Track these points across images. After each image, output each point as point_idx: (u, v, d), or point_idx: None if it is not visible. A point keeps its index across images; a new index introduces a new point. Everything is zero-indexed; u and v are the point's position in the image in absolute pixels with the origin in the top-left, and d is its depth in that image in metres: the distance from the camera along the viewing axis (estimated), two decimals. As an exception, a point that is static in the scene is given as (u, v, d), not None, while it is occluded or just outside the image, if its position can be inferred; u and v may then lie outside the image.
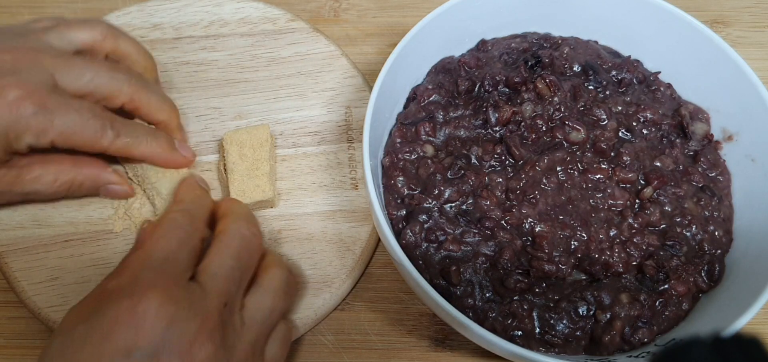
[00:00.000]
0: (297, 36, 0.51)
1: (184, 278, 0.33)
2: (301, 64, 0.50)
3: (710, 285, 0.39)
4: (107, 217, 0.43)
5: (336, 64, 0.50)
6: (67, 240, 0.42)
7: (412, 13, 0.56)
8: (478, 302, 0.37)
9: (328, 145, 0.47)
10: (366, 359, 0.41)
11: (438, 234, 0.39)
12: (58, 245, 0.42)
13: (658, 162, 0.42)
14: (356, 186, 0.46)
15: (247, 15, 0.52)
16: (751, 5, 0.57)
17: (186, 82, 0.49)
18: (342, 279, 0.42)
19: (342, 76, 0.50)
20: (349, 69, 0.50)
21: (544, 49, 0.46)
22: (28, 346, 0.41)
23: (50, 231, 0.43)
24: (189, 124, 0.47)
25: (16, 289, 0.41)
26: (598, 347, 0.37)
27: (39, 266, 0.42)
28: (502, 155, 0.41)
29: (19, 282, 0.41)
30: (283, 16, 0.52)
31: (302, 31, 0.52)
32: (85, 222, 0.43)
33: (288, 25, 0.52)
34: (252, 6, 0.52)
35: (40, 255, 0.42)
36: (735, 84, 0.43)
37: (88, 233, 0.43)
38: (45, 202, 0.43)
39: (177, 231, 0.35)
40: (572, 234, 0.39)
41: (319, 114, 0.48)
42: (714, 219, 0.41)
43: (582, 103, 0.43)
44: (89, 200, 0.44)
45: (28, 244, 0.42)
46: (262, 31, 0.51)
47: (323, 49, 0.51)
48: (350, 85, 0.50)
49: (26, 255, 0.42)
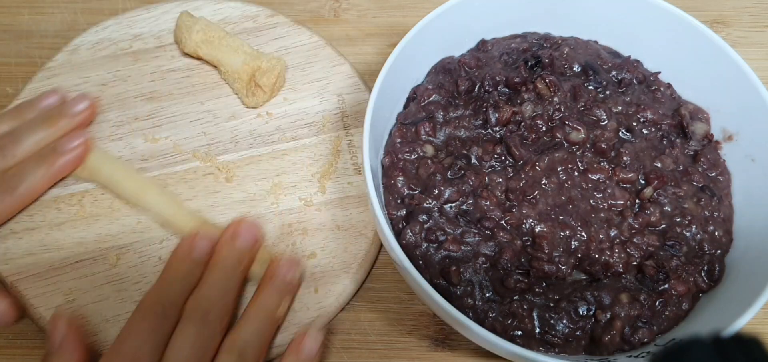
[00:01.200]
0: (279, 31, 0.52)
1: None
2: (288, 57, 0.50)
3: (710, 285, 0.39)
4: (115, 233, 0.43)
5: (322, 54, 0.51)
6: (79, 261, 0.42)
7: (412, 13, 0.56)
8: (478, 302, 0.37)
9: (326, 134, 0.47)
10: (366, 359, 0.41)
11: (438, 234, 0.39)
12: (69, 267, 0.42)
13: (658, 162, 0.42)
14: (359, 171, 0.46)
15: (227, 15, 0.52)
16: (751, 5, 0.57)
17: (175, 88, 0.49)
18: (359, 262, 0.43)
19: (329, 65, 0.50)
20: (335, 57, 0.51)
21: (544, 49, 0.46)
22: (28, 346, 0.41)
23: (60, 254, 0.42)
24: (184, 130, 0.47)
25: (34, 316, 0.41)
26: (598, 347, 0.37)
27: (54, 290, 0.41)
28: (502, 155, 0.41)
29: (37, 309, 0.41)
30: (262, 12, 0.52)
31: (283, 25, 0.52)
32: (93, 240, 0.43)
33: (268, 21, 0.52)
34: (230, 6, 0.53)
35: (54, 279, 0.42)
36: (735, 84, 0.43)
37: (99, 251, 0.43)
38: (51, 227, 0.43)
39: (144, 325, 0.36)
40: (572, 235, 0.39)
41: (312, 104, 0.49)
42: (714, 219, 0.41)
43: (582, 103, 0.43)
44: (95, 219, 0.44)
45: (40, 270, 0.42)
46: (244, 30, 0.51)
47: (307, 41, 0.51)
48: (338, 72, 0.50)
49: (39, 281, 0.41)
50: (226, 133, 0.47)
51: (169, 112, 0.48)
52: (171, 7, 0.52)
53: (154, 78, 0.49)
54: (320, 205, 0.45)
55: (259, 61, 0.47)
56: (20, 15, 0.54)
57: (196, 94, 0.49)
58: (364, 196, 0.45)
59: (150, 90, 0.49)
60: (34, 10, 0.54)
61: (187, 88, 0.49)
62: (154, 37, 0.51)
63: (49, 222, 0.43)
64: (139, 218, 0.44)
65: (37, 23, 0.54)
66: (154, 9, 0.52)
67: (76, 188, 0.44)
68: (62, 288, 0.41)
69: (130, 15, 0.52)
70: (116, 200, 0.44)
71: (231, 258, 0.39)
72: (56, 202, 0.44)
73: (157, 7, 0.52)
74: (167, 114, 0.48)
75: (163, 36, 0.51)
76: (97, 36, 0.51)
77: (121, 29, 0.51)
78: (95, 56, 0.50)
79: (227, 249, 0.39)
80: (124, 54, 0.50)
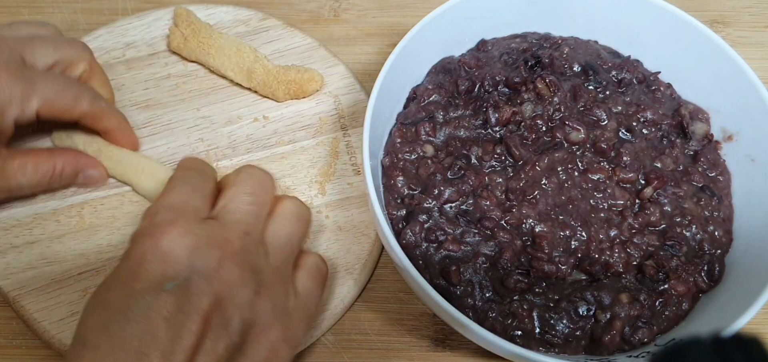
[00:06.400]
0: (272, 33, 0.52)
1: (200, 216, 0.34)
2: (282, 59, 0.50)
3: (710, 285, 0.39)
4: (116, 243, 0.43)
5: (316, 56, 0.51)
6: (81, 273, 0.42)
7: (412, 13, 0.56)
8: (478, 302, 0.37)
9: (324, 136, 0.47)
10: (366, 359, 0.41)
11: (438, 234, 0.39)
12: (71, 279, 0.41)
13: (658, 162, 0.42)
14: (358, 171, 0.46)
15: (220, 20, 0.52)
16: (751, 5, 0.57)
17: (170, 96, 0.49)
18: (362, 263, 0.43)
19: (324, 66, 0.50)
20: (330, 58, 0.51)
21: (544, 49, 0.46)
22: (28, 346, 0.41)
23: (61, 267, 0.42)
24: (181, 137, 0.47)
25: (37, 330, 0.40)
26: (598, 347, 0.37)
27: (56, 303, 0.41)
28: (502, 155, 0.41)
29: (40, 323, 0.40)
30: (254, 15, 0.52)
31: (276, 28, 0.52)
32: (95, 251, 0.43)
33: (261, 24, 0.52)
34: (222, 10, 0.52)
35: (56, 292, 0.41)
36: (735, 84, 0.43)
37: (100, 262, 0.42)
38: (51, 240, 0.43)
39: (187, 182, 0.36)
40: (572, 234, 0.39)
41: (309, 106, 0.49)
42: (714, 219, 0.41)
43: (582, 103, 0.43)
44: (95, 230, 0.43)
45: (42, 284, 0.41)
46: (237, 34, 0.51)
47: (301, 43, 0.51)
48: (334, 73, 0.50)
49: (41, 295, 0.41)
50: (223, 139, 0.47)
51: (165, 119, 0.48)
52: (163, 14, 0.52)
53: (148, 86, 0.49)
54: (320, 207, 0.45)
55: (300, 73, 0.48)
56: (20, 15, 0.54)
57: (192, 101, 0.49)
58: (365, 197, 0.45)
59: (145, 98, 0.48)
60: (34, 10, 0.54)
61: (182, 94, 0.49)
62: (147, 44, 0.51)
63: (49, 235, 0.43)
64: None
65: (37, 23, 0.54)
66: (145, 16, 0.52)
67: (75, 200, 0.44)
68: (65, 299, 0.41)
69: (121, 23, 0.51)
70: (117, 210, 0.44)
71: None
72: (55, 215, 0.43)
73: (148, 14, 0.52)
74: (163, 121, 0.48)
75: (156, 43, 0.51)
76: (90, 45, 0.50)
77: (113, 38, 0.51)
78: None
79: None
80: (117, 62, 0.50)
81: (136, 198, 0.44)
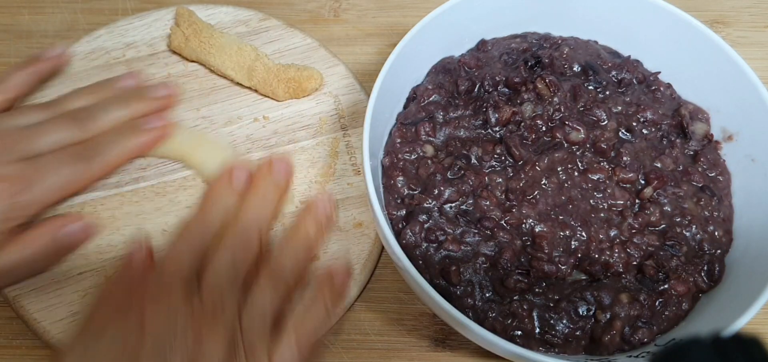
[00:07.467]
0: (272, 34, 0.52)
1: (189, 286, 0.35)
2: (282, 60, 0.50)
3: (710, 285, 0.39)
4: (117, 244, 0.43)
5: (316, 56, 0.51)
6: (81, 274, 0.42)
7: (412, 13, 0.56)
8: (478, 302, 0.37)
9: (324, 136, 0.47)
10: (366, 359, 0.41)
11: (438, 234, 0.39)
12: (72, 280, 0.41)
13: (658, 162, 0.42)
14: (358, 171, 0.46)
15: (220, 20, 0.52)
16: (751, 5, 0.57)
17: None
18: (362, 263, 0.43)
19: (324, 66, 0.50)
20: (330, 59, 0.51)
21: (544, 49, 0.46)
22: (28, 346, 0.41)
23: (62, 267, 0.42)
24: None
25: (37, 331, 0.40)
26: (598, 347, 0.37)
27: (57, 303, 0.41)
28: (502, 155, 0.41)
29: (40, 324, 0.40)
30: (254, 16, 0.52)
31: (276, 28, 0.52)
32: (95, 251, 0.42)
33: (261, 25, 0.52)
34: (222, 11, 0.52)
35: (56, 293, 0.41)
36: (735, 84, 0.43)
37: (100, 262, 0.42)
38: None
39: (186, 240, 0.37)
40: (572, 234, 0.39)
41: (309, 106, 0.49)
42: (714, 219, 0.41)
43: (582, 103, 0.43)
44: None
45: (42, 284, 0.41)
46: (237, 34, 0.51)
47: (301, 43, 0.51)
48: (334, 74, 0.50)
49: (42, 295, 0.41)
50: (223, 139, 0.47)
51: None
52: (163, 14, 0.52)
53: None
54: None
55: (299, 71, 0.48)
56: (20, 15, 0.54)
57: (192, 101, 0.49)
58: (365, 197, 0.45)
59: None
60: (34, 10, 0.54)
61: (182, 94, 0.49)
62: (147, 44, 0.51)
63: None
64: (140, 227, 0.43)
65: (37, 23, 0.54)
66: (145, 16, 0.52)
67: (75, 200, 0.44)
68: (66, 300, 0.41)
69: (121, 23, 0.51)
70: (117, 210, 0.44)
71: (267, 187, 0.40)
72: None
73: (148, 14, 0.52)
74: None
75: (156, 43, 0.51)
76: (90, 45, 0.50)
77: (114, 38, 0.51)
78: (89, 66, 0.49)
79: (263, 179, 0.40)
80: (118, 63, 0.50)
81: (136, 199, 0.44)
